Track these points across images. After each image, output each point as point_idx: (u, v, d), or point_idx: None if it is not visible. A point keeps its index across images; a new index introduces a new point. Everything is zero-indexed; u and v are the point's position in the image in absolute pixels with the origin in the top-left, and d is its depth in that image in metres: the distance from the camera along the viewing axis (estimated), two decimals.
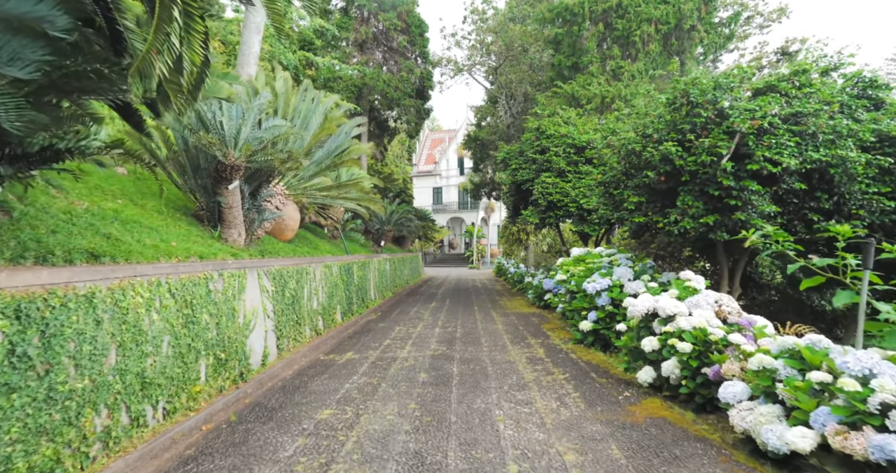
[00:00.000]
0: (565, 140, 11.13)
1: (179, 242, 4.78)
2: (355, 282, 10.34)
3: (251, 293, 5.34)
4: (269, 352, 5.59)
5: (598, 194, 7.07)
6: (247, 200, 6.29)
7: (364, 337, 7.71)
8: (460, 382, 4.91)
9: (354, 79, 19.19)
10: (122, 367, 3.06)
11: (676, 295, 4.59)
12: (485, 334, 7.83)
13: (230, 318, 4.71)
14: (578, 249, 8.84)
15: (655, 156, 5.57)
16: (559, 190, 10.68)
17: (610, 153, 6.64)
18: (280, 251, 7.06)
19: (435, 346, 6.85)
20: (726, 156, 5.08)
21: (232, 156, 5.46)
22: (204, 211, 6.21)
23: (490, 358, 6.07)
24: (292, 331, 6.46)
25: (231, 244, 5.97)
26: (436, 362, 5.85)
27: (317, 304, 7.65)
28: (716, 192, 5.24)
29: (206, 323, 4.22)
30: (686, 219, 5.42)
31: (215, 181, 5.78)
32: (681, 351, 3.93)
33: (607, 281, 6.50)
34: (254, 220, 6.33)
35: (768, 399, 2.94)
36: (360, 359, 6.09)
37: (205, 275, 4.29)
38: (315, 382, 5.02)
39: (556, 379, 5.03)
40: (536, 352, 6.38)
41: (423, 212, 26.05)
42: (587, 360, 5.88)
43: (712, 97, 5.40)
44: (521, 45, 16.99)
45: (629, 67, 13.01)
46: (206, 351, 4.19)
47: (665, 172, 5.58)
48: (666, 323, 4.37)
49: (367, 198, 7.18)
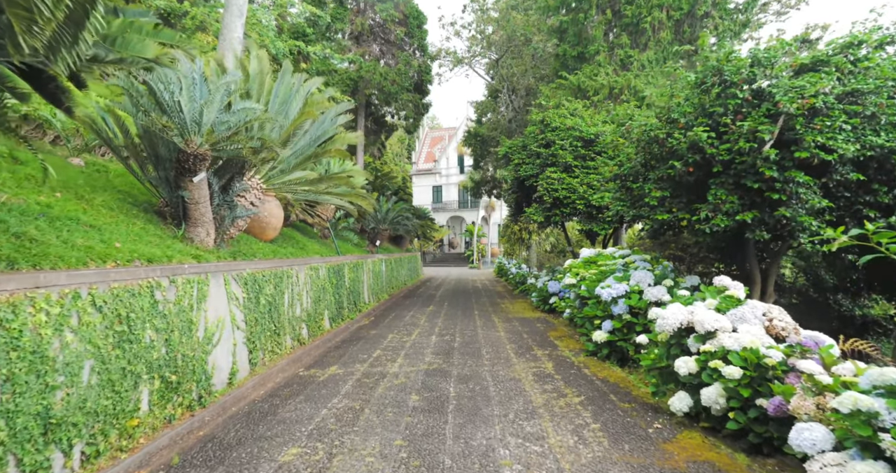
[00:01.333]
0: (572, 133, 10.38)
1: (127, 243, 4.05)
2: (346, 285, 9.61)
3: (216, 301, 4.61)
4: (237, 369, 4.85)
5: (613, 189, 6.33)
6: (216, 195, 5.56)
7: (352, 347, 6.98)
8: (458, 408, 4.18)
9: (350, 72, 18.44)
10: (8, 409, 2.32)
11: (715, 306, 3.85)
12: (486, 343, 7.10)
13: (185, 332, 3.98)
14: (588, 250, 8.10)
15: (683, 143, 4.83)
16: (565, 186, 9.93)
17: (626, 142, 5.90)
18: (258, 252, 6.33)
19: (430, 359, 6.12)
20: (769, 141, 4.34)
21: (194, 144, 4.72)
22: (168, 207, 5.48)
23: (492, 374, 5.34)
24: (269, 342, 5.73)
25: (198, 245, 5.24)
26: (430, 380, 5.11)
27: (300, 311, 6.92)
28: (755, 185, 4.50)
29: (150, 340, 3.49)
30: (719, 216, 4.68)
31: (178, 173, 5.04)
32: (727, 377, 3.19)
33: (624, 286, 5.76)
34: (225, 218, 5.59)
35: (866, 453, 2.20)
36: (344, 375, 5.36)
37: (149, 283, 3.55)
38: (287, 407, 4.29)
39: (570, 402, 4.29)
40: (544, 367, 5.65)
41: (422, 210, 25.31)
42: (603, 377, 5.15)
43: (749, 75, 4.66)
44: (523, 35, 16.21)
45: (639, 56, 12.25)
46: (149, 375, 3.46)
47: (693, 162, 4.84)
48: (704, 341, 3.64)
49: (355, 193, 6.45)
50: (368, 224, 14.28)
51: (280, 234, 8.67)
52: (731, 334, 3.47)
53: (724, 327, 3.57)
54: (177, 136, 4.60)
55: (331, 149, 5.48)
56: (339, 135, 5.91)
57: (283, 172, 6.00)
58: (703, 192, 5.16)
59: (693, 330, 3.82)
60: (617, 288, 5.77)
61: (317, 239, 10.85)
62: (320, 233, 11.44)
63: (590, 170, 10.13)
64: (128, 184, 5.99)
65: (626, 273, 6.22)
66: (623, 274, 6.22)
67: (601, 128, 10.29)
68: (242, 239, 6.66)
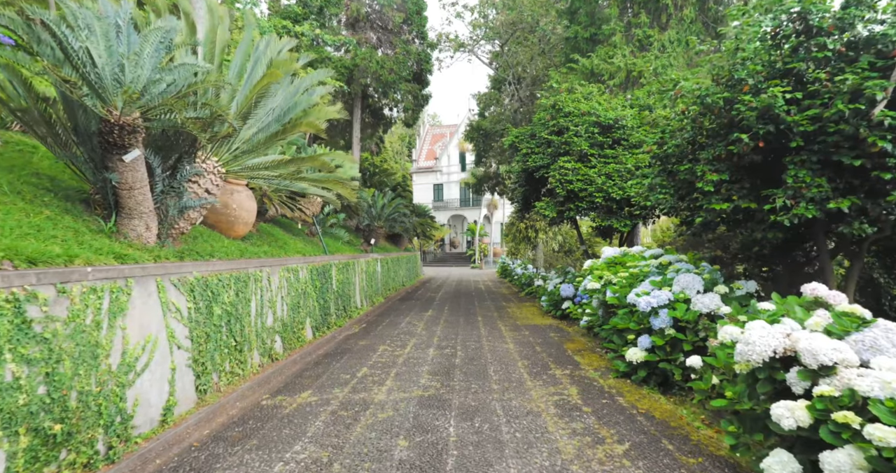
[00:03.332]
0: (588, 118, 9.25)
1: (8, 238, 2.95)
2: (334, 288, 8.52)
3: (143, 314, 3.52)
4: (175, 401, 3.76)
5: (651, 174, 5.21)
6: (160, 180, 4.46)
7: (335, 363, 5.89)
8: (460, 464, 3.07)
9: (344, 60, 17.33)
10: None
11: (825, 327, 2.74)
12: (493, 359, 6.00)
13: (86, 361, 2.88)
14: (611, 249, 6.99)
15: (749, 112, 3.71)
16: (581, 176, 8.81)
17: (670, 114, 4.78)
18: (219, 251, 5.23)
19: (426, 381, 5.02)
20: (881, 101, 3.22)
21: (116, 110, 3.63)
22: (100, 194, 4.38)
23: (503, 404, 4.24)
24: (227, 362, 4.64)
25: (133, 241, 4.14)
26: (424, 414, 4.01)
27: (272, 321, 5.83)
28: (856, 162, 3.38)
29: (10, 378, 2.40)
30: (802, 205, 3.56)
31: (103, 149, 3.95)
32: (875, 441, 2.08)
33: (667, 293, 4.65)
34: (171, 208, 4.50)
35: None
36: (317, 405, 4.26)
37: (11, 295, 2.46)
38: (231, 459, 3.19)
39: (611, 453, 3.19)
40: (568, 393, 4.54)
41: (422, 208, 24.22)
42: (646, 411, 4.04)
43: (846, 17, 3.54)
44: (530, 15, 15.08)
45: (659, 36, 11.13)
46: (7, 431, 2.36)
47: (765, 135, 3.72)
48: (817, 377, 2.53)
49: (335, 178, 5.34)
50: (363, 221, 13.18)
51: (256, 231, 7.59)
52: (864, 370, 2.37)
53: (847, 360, 2.46)
54: (90, 99, 3.50)
55: (303, 122, 4.38)
56: (316, 108, 4.80)
57: (246, 154, 4.90)
58: (773, 175, 4.06)
59: (793, 359, 2.71)
60: (658, 295, 4.66)
61: (303, 236, 9.76)
62: (308, 230, 10.35)
63: (608, 158, 9.00)
64: (58, 168, 4.91)
65: (665, 277, 5.11)
66: (661, 278, 5.11)
67: (621, 113, 9.16)
68: (203, 236, 5.57)
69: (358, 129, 19.90)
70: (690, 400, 4.19)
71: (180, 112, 3.86)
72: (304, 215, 7.49)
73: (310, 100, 4.83)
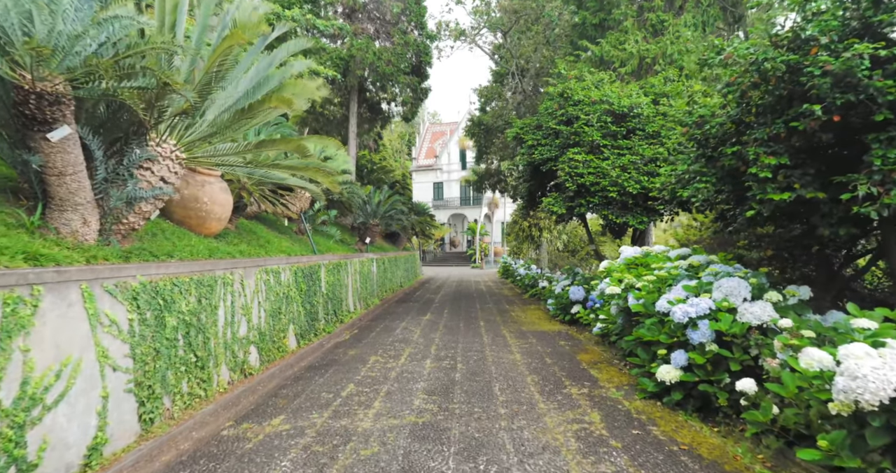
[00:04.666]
0: (600, 106, 8.49)
1: None
2: (323, 291, 7.78)
3: (60, 331, 2.78)
4: (106, 439, 3.02)
5: (687, 160, 4.44)
6: (101, 165, 3.72)
7: (318, 378, 5.15)
8: None
9: (340, 51, 16.58)
10: None
11: None
12: (498, 373, 5.26)
13: None
14: (630, 249, 6.24)
15: (823, 79, 2.96)
16: (592, 169, 8.05)
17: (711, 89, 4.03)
18: (181, 251, 4.48)
19: (420, 403, 4.27)
20: None
21: (28, 74, 2.88)
22: (27, 183, 3.64)
23: (513, 436, 3.50)
24: (183, 382, 3.90)
25: (65, 237, 3.40)
26: (417, 450, 3.27)
27: (246, 329, 5.10)
28: None
29: None
30: (894, 192, 2.82)
31: (22, 125, 3.20)
32: None
33: (707, 301, 3.91)
34: (115, 199, 3.75)
35: None
36: (288, 437, 3.52)
37: None
38: None
39: None
40: (589, 420, 3.80)
41: (422, 206, 23.44)
42: (689, 446, 3.29)
43: None
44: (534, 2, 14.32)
45: (674, 21, 10.37)
46: None
47: (843, 105, 2.98)
48: None
49: (315, 166, 4.58)
50: (357, 218, 12.43)
51: (235, 228, 6.84)
52: None
53: None
54: None
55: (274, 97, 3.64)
56: (291, 82, 4.05)
57: (212, 137, 4.15)
58: (844, 157, 3.31)
59: None
60: (696, 303, 3.91)
61: (290, 235, 9.02)
62: (297, 228, 9.61)
63: (623, 150, 8.24)
64: None
65: (700, 281, 4.36)
66: (696, 282, 4.36)
67: (636, 100, 8.40)
68: (166, 233, 4.83)
69: (354, 124, 19.14)
70: (740, 433, 3.44)
71: (115, 79, 3.12)
72: (287, 211, 6.74)
73: (286, 73, 4.08)
